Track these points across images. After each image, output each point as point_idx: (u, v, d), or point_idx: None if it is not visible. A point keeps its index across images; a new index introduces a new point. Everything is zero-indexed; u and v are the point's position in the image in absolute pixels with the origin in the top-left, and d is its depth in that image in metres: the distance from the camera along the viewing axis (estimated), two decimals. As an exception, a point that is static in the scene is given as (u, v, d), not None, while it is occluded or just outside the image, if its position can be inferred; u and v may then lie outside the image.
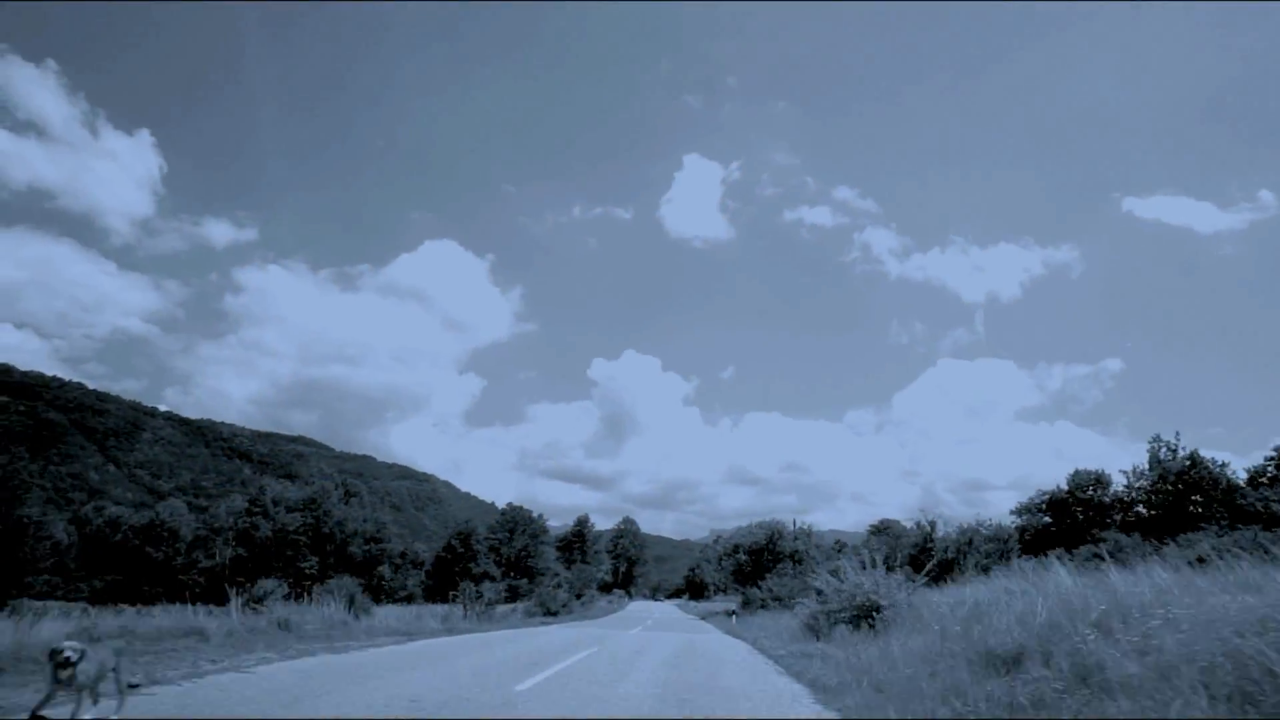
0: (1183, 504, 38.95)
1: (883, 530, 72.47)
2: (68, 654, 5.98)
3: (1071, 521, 45.46)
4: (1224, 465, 40.06)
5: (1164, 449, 42.29)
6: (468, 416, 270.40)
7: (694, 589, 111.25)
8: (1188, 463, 40.37)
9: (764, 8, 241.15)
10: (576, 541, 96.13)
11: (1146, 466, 41.86)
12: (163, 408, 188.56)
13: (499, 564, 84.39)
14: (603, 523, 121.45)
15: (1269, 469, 38.39)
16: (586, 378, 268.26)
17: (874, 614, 13.70)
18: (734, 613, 32.28)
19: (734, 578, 43.64)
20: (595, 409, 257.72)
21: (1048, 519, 48.14)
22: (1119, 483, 45.44)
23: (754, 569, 39.26)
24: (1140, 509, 39.12)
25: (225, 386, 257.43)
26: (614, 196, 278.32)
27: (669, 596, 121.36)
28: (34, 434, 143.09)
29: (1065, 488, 50.41)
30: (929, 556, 36.60)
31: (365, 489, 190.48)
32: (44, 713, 6.04)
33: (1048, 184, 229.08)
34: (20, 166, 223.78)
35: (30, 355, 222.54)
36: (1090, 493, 46.33)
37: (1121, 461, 65.68)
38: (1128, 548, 25.83)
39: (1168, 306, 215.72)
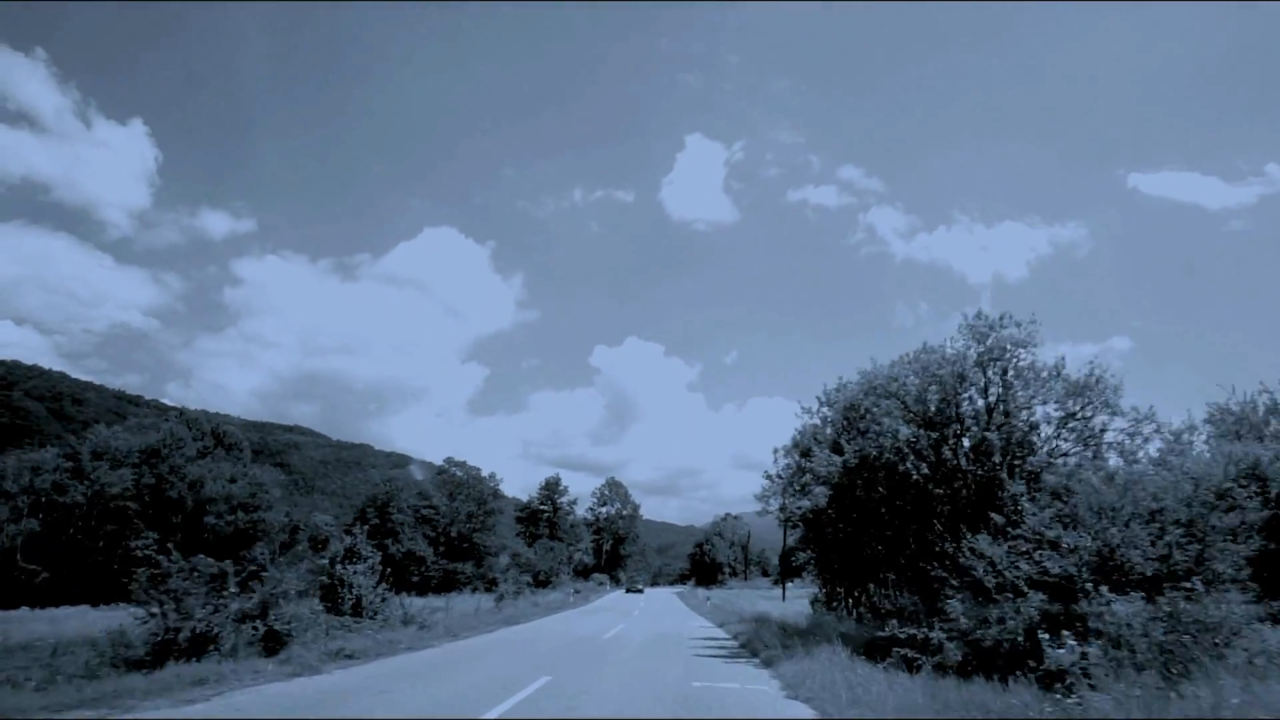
0: None
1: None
2: None
3: None
4: None
5: None
6: (471, 405, 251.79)
7: (701, 572, 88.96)
8: None
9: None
10: (545, 511, 73.12)
11: None
12: (148, 396, 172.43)
13: (433, 541, 61.65)
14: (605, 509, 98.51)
15: None
16: (589, 365, 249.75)
17: None
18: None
19: (830, 537, 14.29)
20: (598, 396, 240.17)
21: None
22: None
23: (984, 490, 10.20)
24: None
25: (226, 380, 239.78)
26: (615, 179, 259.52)
27: (671, 583, 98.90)
28: (9, 423, 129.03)
29: None
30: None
31: (299, 460, 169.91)
32: None
33: (1053, 160, 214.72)
34: (14, 159, 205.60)
35: (31, 351, 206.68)
36: None
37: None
38: None
39: (1176, 284, 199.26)
